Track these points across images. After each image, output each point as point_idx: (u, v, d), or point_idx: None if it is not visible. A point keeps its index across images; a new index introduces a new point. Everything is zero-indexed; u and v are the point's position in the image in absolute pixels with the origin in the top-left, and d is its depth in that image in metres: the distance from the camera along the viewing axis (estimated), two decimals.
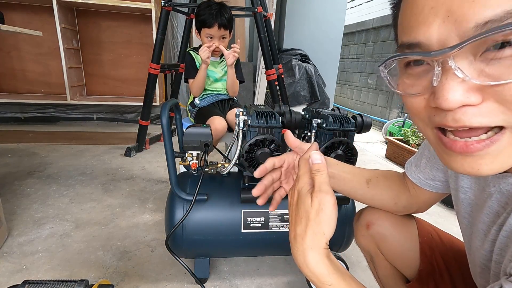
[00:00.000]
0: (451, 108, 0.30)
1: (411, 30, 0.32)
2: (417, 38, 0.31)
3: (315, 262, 0.40)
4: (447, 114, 0.31)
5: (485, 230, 0.43)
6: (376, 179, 0.67)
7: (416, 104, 0.35)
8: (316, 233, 0.40)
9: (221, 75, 1.55)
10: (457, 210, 0.53)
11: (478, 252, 0.45)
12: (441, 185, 0.60)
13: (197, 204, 0.89)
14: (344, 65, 4.90)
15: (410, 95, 0.35)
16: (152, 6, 2.63)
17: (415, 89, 0.34)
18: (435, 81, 0.30)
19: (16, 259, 1.07)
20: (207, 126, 0.92)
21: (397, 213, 0.69)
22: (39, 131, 2.68)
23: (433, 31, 0.29)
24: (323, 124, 0.90)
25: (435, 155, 0.58)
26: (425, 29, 0.30)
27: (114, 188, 1.67)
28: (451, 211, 1.68)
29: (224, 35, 1.42)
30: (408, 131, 2.44)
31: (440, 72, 0.30)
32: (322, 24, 3.23)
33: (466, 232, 0.51)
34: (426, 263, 0.66)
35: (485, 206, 0.43)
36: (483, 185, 0.44)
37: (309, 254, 0.40)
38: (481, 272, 0.45)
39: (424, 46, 0.31)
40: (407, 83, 0.35)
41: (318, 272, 0.40)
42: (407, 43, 0.33)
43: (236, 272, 1.09)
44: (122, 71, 3.16)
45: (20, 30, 1.67)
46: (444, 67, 0.29)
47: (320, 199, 0.41)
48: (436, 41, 0.30)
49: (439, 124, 0.33)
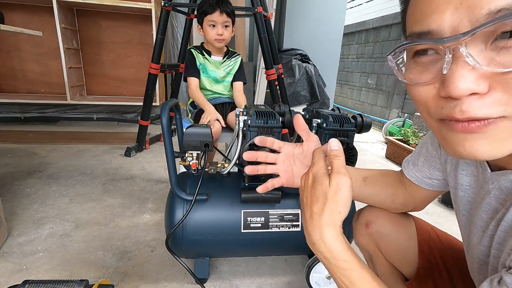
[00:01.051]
0: (461, 96, 0.30)
1: (423, 19, 0.32)
2: (429, 26, 0.32)
3: (331, 238, 0.41)
4: (455, 105, 0.31)
5: (483, 226, 0.44)
6: (372, 177, 0.67)
7: (424, 93, 0.35)
8: (333, 211, 0.42)
9: (222, 75, 1.52)
10: (456, 208, 0.54)
11: (477, 248, 0.46)
12: (438, 183, 0.60)
13: (197, 204, 0.89)
14: (344, 65, 4.90)
15: (419, 84, 0.35)
16: (152, 6, 2.63)
17: (424, 78, 0.34)
18: (445, 69, 0.31)
19: (16, 259, 1.07)
20: (207, 126, 0.92)
21: (395, 210, 0.69)
22: (39, 131, 2.68)
23: (446, 18, 0.30)
24: (323, 124, 0.90)
25: (433, 154, 0.59)
26: (437, 16, 0.31)
27: (114, 188, 1.67)
28: (451, 211, 1.68)
29: (226, 22, 1.38)
30: (408, 131, 2.44)
31: (451, 60, 0.30)
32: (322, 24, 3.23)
33: (465, 230, 0.51)
34: (424, 261, 0.67)
35: (484, 203, 0.43)
36: (482, 182, 0.45)
37: (326, 230, 0.42)
38: (480, 268, 0.46)
39: (436, 33, 0.31)
40: (415, 73, 0.36)
41: (334, 248, 0.41)
42: (418, 32, 0.33)
43: (236, 272, 1.09)
44: (122, 71, 3.16)
45: (20, 30, 1.67)
46: (455, 54, 0.30)
47: (338, 180, 0.43)
48: (448, 28, 0.30)
49: (447, 116, 0.33)
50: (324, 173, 0.45)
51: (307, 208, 0.45)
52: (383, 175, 0.68)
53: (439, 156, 0.58)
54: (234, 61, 1.54)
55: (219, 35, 1.38)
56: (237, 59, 1.55)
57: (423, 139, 0.64)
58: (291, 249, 1.04)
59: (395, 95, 3.60)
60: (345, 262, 0.41)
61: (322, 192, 0.43)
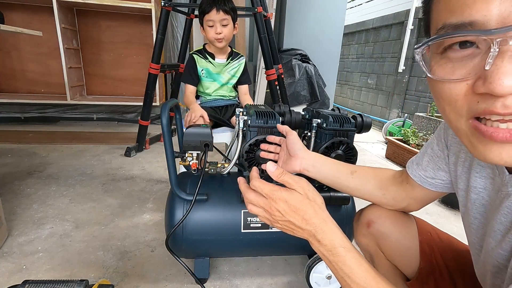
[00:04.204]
0: (506, 94, 0.28)
1: (463, 8, 0.29)
2: (472, 16, 0.29)
3: (335, 226, 0.47)
4: (497, 100, 0.29)
5: (503, 230, 0.42)
6: (361, 170, 0.69)
7: (456, 90, 0.32)
8: (320, 206, 0.49)
9: (227, 78, 1.49)
10: (465, 211, 0.52)
11: (494, 252, 0.44)
12: (441, 184, 0.60)
13: (197, 204, 0.89)
14: (344, 65, 4.90)
15: (451, 80, 0.32)
16: (152, 6, 2.63)
17: (457, 74, 0.32)
18: (488, 64, 0.28)
19: (16, 259, 1.07)
20: (207, 126, 0.92)
21: (388, 206, 0.69)
22: (39, 131, 2.68)
23: (493, 8, 0.27)
24: (323, 124, 0.90)
25: (439, 154, 0.58)
26: (483, 6, 0.28)
27: (114, 188, 1.67)
28: (451, 211, 1.68)
29: (224, 20, 1.35)
30: (408, 131, 2.44)
31: (496, 54, 0.28)
32: (322, 24, 3.23)
33: (477, 233, 0.50)
34: (426, 261, 0.66)
35: (502, 207, 0.42)
36: (499, 185, 0.43)
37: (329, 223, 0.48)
38: (497, 272, 0.44)
39: (480, 25, 0.28)
40: (446, 69, 0.33)
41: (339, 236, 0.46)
42: (455, 24, 0.30)
43: (236, 272, 1.09)
44: (122, 71, 3.16)
45: (20, 30, 1.67)
46: (502, 48, 0.27)
47: (301, 185, 0.49)
48: (496, 18, 0.27)
49: (484, 111, 0.30)
50: (280, 190, 0.49)
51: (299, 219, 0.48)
52: (374, 169, 0.70)
53: (445, 157, 0.57)
54: (238, 63, 1.51)
55: (218, 34, 1.35)
56: (241, 61, 1.52)
57: (429, 140, 0.64)
58: (291, 249, 1.04)
59: (395, 95, 3.60)
60: (345, 248, 0.45)
61: (299, 202, 0.48)
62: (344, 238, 0.47)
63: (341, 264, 0.44)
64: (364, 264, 0.44)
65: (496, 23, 0.27)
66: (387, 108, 3.79)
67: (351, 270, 0.44)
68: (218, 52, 1.46)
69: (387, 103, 3.79)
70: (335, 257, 0.45)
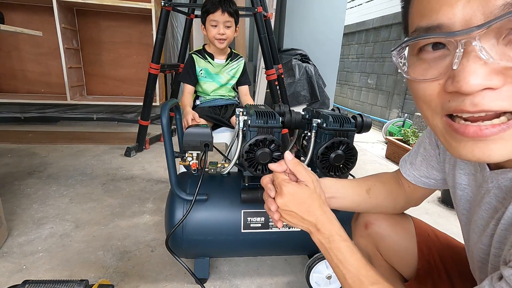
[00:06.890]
0: (472, 92, 0.29)
1: (431, 13, 0.31)
2: (438, 20, 0.31)
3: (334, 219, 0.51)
4: (465, 98, 0.30)
5: (484, 225, 0.44)
6: (374, 187, 0.67)
7: (429, 90, 0.34)
8: (324, 202, 0.52)
9: (226, 79, 1.50)
10: (456, 207, 0.54)
11: (476, 247, 0.46)
12: (435, 182, 0.61)
13: (197, 204, 0.89)
14: (344, 65, 4.90)
15: (424, 80, 0.34)
16: (152, 6, 2.63)
17: (430, 74, 0.33)
18: (455, 64, 0.30)
19: (16, 259, 1.07)
20: (207, 126, 0.92)
21: (396, 213, 0.70)
22: (39, 131, 2.68)
23: (457, 11, 0.29)
24: (323, 124, 0.90)
25: (431, 153, 0.59)
26: (448, 9, 0.30)
27: (114, 188, 1.67)
28: (451, 211, 1.68)
29: (228, 21, 1.37)
30: (408, 131, 2.44)
31: (462, 54, 0.29)
32: (322, 24, 3.23)
33: (465, 229, 0.51)
34: (424, 262, 0.67)
35: (483, 202, 0.43)
36: (481, 181, 0.45)
37: (330, 215, 0.51)
38: (481, 266, 0.46)
39: (446, 27, 0.30)
40: (420, 69, 0.35)
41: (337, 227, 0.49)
42: (425, 27, 0.32)
43: (236, 272, 1.09)
44: (122, 71, 3.16)
45: (20, 30, 1.67)
46: (467, 48, 0.29)
47: (312, 179, 0.53)
48: (460, 21, 0.29)
49: (455, 109, 0.32)
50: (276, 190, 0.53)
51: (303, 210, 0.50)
52: (384, 184, 0.68)
53: (437, 155, 0.58)
54: (237, 64, 1.52)
55: (220, 34, 1.36)
56: (240, 61, 1.53)
57: (419, 137, 0.64)
58: (291, 249, 1.04)
59: (395, 95, 3.60)
60: (341, 236, 0.48)
61: (307, 195, 0.51)
62: (342, 229, 0.50)
63: (335, 251, 0.47)
64: (357, 254, 0.47)
65: (460, 25, 0.29)
66: (387, 108, 3.79)
67: (344, 257, 0.46)
68: (217, 52, 1.47)
69: (387, 103, 3.79)
70: (331, 244, 0.48)
